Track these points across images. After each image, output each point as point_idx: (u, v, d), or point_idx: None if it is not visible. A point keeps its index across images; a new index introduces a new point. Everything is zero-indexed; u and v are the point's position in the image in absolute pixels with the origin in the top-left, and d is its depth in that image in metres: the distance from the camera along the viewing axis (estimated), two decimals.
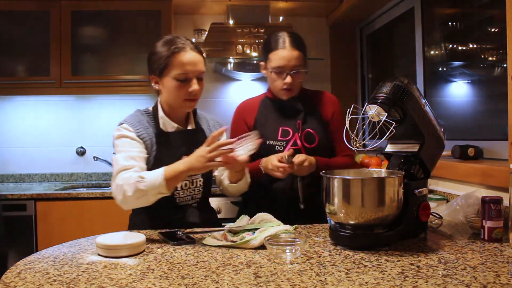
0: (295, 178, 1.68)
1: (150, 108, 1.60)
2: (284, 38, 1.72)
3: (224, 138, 1.45)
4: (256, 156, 1.72)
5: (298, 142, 1.74)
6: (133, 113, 1.58)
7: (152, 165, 1.49)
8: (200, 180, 1.60)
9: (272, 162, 1.62)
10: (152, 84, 1.53)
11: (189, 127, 1.61)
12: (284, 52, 1.70)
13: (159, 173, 1.37)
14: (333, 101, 1.86)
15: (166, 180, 1.36)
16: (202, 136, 1.59)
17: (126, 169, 1.42)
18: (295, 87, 1.75)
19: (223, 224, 1.66)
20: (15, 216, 2.56)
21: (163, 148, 1.51)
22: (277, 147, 1.74)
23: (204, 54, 1.54)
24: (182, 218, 1.56)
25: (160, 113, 1.55)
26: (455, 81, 2.44)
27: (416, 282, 0.96)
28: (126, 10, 2.99)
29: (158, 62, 1.47)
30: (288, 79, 1.71)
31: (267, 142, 1.73)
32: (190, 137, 1.58)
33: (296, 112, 1.78)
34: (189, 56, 1.47)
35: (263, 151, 1.66)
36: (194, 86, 1.47)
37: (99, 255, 1.21)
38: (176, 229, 1.46)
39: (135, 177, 1.37)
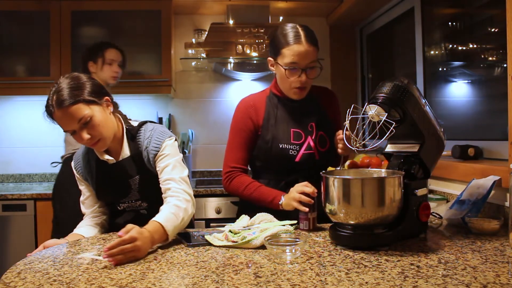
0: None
1: None
2: (298, 32, 1.58)
3: None
4: (269, 163, 1.67)
5: (312, 144, 1.66)
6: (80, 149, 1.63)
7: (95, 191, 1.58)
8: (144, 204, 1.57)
9: (300, 195, 1.48)
10: None
11: (120, 158, 1.51)
12: (299, 47, 1.57)
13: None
14: (335, 98, 1.79)
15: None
16: (126, 165, 1.51)
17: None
18: (308, 86, 1.65)
19: (223, 224, 1.65)
20: (15, 216, 2.57)
21: (99, 176, 1.56)
22: (291, 151, 1.65)
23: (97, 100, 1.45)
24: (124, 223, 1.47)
25: None
26: (455, 81, 2.44)
27: (416, 282, 0.96)
28: (126, 10, 2.99)
29: None
30: (303, 77, 1.60)
31: (281, 146, 1.64)
32: (112, 167, 1.51)
33: (307, 113, 1.69)
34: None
35: (276, 154, 1.63)
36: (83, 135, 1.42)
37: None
38: (191, 230, 1.47)
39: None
